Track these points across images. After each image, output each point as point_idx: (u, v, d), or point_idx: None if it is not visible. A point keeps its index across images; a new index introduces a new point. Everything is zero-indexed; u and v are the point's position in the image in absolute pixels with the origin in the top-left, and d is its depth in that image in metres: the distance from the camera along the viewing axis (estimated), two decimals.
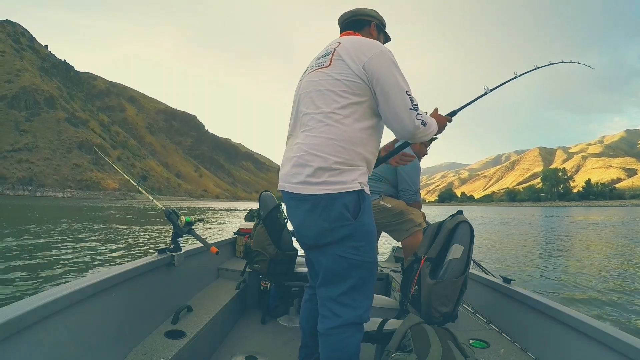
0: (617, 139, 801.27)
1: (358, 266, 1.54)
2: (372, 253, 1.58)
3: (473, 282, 2.67)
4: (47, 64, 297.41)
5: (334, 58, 1.63)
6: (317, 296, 1.70)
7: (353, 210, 1.52)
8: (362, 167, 1.59)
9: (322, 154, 1.51)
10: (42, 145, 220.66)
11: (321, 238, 1.55)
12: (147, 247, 12.10)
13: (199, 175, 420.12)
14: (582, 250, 13.82)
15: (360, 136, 1.57)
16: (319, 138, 1.54)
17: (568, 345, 1.84)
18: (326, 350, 1.58)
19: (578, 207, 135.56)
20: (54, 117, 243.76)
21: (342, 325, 1.55)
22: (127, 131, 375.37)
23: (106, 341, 1.71)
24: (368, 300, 1.61)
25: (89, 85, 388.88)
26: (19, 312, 1.22)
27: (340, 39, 1.73)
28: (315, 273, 1.71)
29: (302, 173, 1.54)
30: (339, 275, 1.56)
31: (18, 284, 6.67)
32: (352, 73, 1.56)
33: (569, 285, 8.07)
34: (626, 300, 6.78)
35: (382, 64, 1.54)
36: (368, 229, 1.57)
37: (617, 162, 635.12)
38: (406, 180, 3.07)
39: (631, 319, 5.69)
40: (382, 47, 1.61)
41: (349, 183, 1.52)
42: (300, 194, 1.56)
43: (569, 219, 39.22)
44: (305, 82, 1.71)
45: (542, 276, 8.92)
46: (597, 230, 23.81)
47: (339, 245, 1.54)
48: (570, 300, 6.81)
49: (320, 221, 1.52)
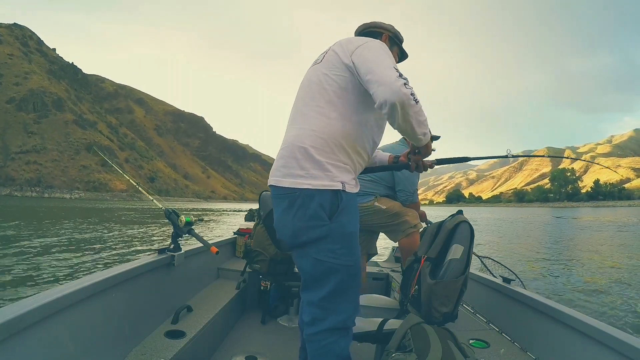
0: (626, 139, 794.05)
1: (336, 270, 1.50)
2: (351, 256, 1.53)
3: (473, 282, 2.66)
4: (55, 66, 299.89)
5: (328, 53, 1.65)
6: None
7: (329, 210, 1.48)
8: (347, 163, 1.57)
9: (303, 145, 1.50)
10: (50, 146, 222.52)
11: (296, 237, 1.53)
12: (146, 246, 12.16)
13: (206, 177, 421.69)
14: (586, 252, 13.73)
15: (346, 130, 1.55)
16: (302, 130, 1.54)
17: (568, 345, 1.84)
18: (312, 356, 1.55)
19: (587, 208, 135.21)
20: (62, 119, 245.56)
21: (324, 330, 1.51)
22: (135, 133, 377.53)
23: (106, 341, 1.71)
24: (351, 304, 1.57)
25: (97, 88, 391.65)
26: (19, 312, 1.22)
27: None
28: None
29: (284, 165, 1.54)
30: (318, 279, 1.53)
31: (17, 284, 6.72)
32: (341, 64, 1.56)
33: (569, 285, 8.07)
34: (626, 300, 6.80)
35: (369, 48, 1.53)
36: (345, 231, 1.52)
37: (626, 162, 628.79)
38: (403, 181, 3.02)
39: (631, 319, 5.72)
40: (374, 39, 1.61)
41: (329, 180, 1.49)
42: (281, 188, 1.54)
43: (576, 220, 39.14)
44: (303, 79, 1.73)
45: (544, 277, 8.92)
46: (603, 232, 23.62)
47: (315, 247, 1.51)
48: (570, 300, 6.82)
49: (295, 220, 1.50)
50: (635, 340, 1.48)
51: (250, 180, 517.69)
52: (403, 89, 1.36)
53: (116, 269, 1.90)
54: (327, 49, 1.69)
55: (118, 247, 11.87)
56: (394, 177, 3.05)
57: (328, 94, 1.55)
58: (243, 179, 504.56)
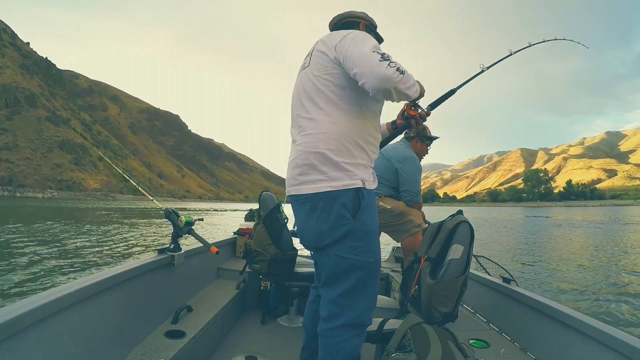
0: (598, 141, 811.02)
1: (357, 267, 1.53)
2: (372, 253, 1.56)
3: (473, 282, 2.68)
4: (28, 61, 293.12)
5: (313, 54, 1.67)
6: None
7: (352, 208, 1.51)
8: (363, 158, 1.60)
9: (319, 150, 1.52)
10: (22, 144, 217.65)
11: (321, 240, 1.55)
12: (137, 248, 11.99)
13: (181, 176, 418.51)
14: (571, 251, 13.77)
15: (352, 125, 1.57)
16: (312, 135, 1.56)
17: (568, 345, 1.85)
18: (323, 352, 1.58)
19: (559, 207, 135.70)
20: (34, 116, 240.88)
21: (339, 326, 1.53)
22: (109, 130, 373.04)
23: (106, 341, 1.71)
24: (368, 301, 1.59)
25: (71, 84, 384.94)
26: (19, 312, 1.22)
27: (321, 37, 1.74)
28: (321, 274, 1.69)
29: (302, 173, 1.55)
30: (339, 276, 1.55)
31: (17, 284, 6.72)
32: (329, 61, 1.58)
33: (554, 280, 8.26)
34: (626, 300, 6.78)
35: (348, 41, 1.52)
36: (367, 228, 1.55)
37: (598, 163, 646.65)
38: (407, 182, 3.06)
39: (631, 319, 5.71)
40: (353, 30, 1.63)
41: (349, 179, 1.51)
42: (301, 195, 1.56)
43: (550, 219, 39.50)
44: (295, 86, 1.75)
45: (525, 273, 9.07)
46: (576, 229, 24.01)
47: (338, 245, 1.53)
48: (570, 300, 6.85)
49: (320, 223, 1.52)
50: (635, 340, 1.49)
51: (225, 179, 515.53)
52: (388, 71, 1.36)
53: (116, 269, 1.90)
54: (311, 51, 1.70)
55: (114, 247, 11.79)
56: (398, 177, 3.08)
57: (326, 94, 1.57)
58: (218, 178, 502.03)
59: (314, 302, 1.89)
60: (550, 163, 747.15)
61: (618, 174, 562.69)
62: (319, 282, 1.75)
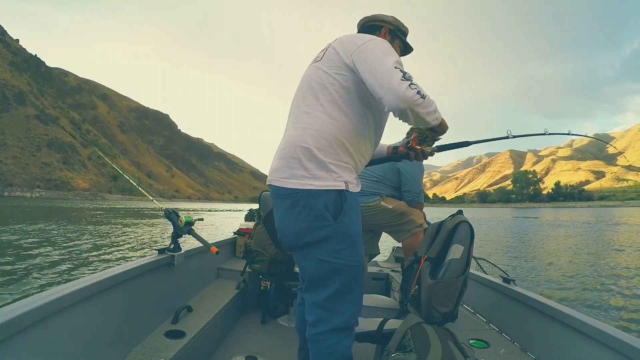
0: (586, 143, 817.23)
1: (340, 271, 1.49)
2: (355, 257, 1.52)
3: (473, 282, 2.68)
4: (17, 58, 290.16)
5: (328, 50, 1.63)
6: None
7: (334, 210, 1.47)
8: (349, 163, 1.56)
9: (307, 145, 1.49)
10: (10, 142, 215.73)
11: (299, 238, 1.52)
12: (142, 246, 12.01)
13: (170, 176, 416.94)
14: (570, 251, 13.82)
15: (347, 129, 1.54)
16: (304, 129, 1.53)
17: (568, 345, 1.85)
18: (314, 356, 1.56)
19: (548, 209, 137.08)
20: (23, 114, 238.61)
21: (327, 331, 1.51)
22: (99, 129, 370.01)
23: (106, 341, 1.71)
24: (354, 305, 1.56)
25: (60, 82, 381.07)
26: (19, 312, 1.22)
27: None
28: (304, 278, 1.65)
29: (287, 165, 1.52)
30: (322, 280, 1.52)
31: (16, 285, 6.70)
32: (342, 63, 1.54)
33: (552, 281, 8.28)
34: (625, 300, 6.80)
35: (369, 49, 1.49)
36: (349, 231, 1.52)
37: (586, 165, 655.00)
38: (410, 182, 3.07)
39: (631, 319, 5.70)
40: (375, 37, 1.58)
41: (332, 180, 1.48)
42: (283, 188, 1.52)
43: (539, 219, 39.95)
44: (302, 78, 1.71)
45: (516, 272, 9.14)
46: (564, 229, 24.11)
47: (319, 248, 1.50)
48: (570, 300, 6.85)
49: (299, 221, 1.49)
50: (635, 340, 1.48)
51: (215, 179, 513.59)
52: (408, 92, 1.34)
53: (116, 269, 1.90)
54: (327, 46, 1.67)
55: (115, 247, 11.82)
56: (400, 177, 3.09)
57: (330, 93, 1.54)
58: (208, 178, 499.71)
59: (302, 304, 1.85)
60: (539, 165, 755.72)
61: (606, 176, 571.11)
62: (304, 284, 1.72)
